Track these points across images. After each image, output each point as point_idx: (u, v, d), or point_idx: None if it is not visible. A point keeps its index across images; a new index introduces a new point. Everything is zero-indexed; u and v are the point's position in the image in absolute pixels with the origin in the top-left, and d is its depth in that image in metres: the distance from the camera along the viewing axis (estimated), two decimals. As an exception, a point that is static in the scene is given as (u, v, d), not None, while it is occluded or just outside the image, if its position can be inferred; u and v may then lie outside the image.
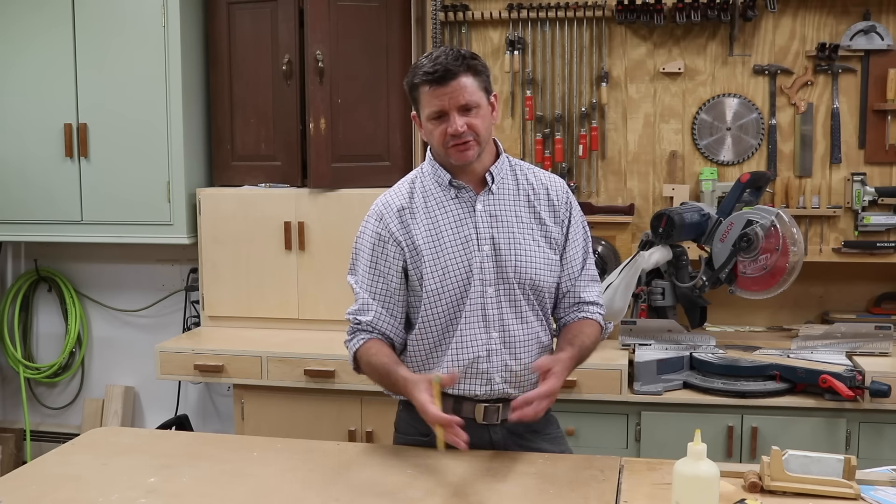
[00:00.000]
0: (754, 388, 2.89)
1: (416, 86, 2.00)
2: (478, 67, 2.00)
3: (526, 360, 2.08)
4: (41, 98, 3.76)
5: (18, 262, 4.32)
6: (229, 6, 3.66)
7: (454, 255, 2.03)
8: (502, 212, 2.07)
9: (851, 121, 3.38)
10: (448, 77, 1.95)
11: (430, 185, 2.09)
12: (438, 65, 1.95)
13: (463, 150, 1.99)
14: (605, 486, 1.87)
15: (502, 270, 2.04)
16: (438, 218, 2.06)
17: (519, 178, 2.12)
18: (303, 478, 1.94)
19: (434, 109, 1.98)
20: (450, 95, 1.95)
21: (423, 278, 2.04)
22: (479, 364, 2.05)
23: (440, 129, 1.99)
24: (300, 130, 3.62)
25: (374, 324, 2.09)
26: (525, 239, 2.07)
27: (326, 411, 3.25)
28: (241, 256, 3.64)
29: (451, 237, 2.04)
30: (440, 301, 2.04)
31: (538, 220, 2.09)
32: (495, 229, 2.05)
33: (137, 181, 3.70)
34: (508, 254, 2.04)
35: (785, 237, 2.99)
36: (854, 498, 1.75)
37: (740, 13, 3.33)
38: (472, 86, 1.97)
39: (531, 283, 2.06)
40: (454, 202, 2.07)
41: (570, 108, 3.54)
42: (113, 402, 4.16)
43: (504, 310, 2.05)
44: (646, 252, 3.14)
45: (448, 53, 1.98)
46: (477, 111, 1.99)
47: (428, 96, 1.98)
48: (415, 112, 2.08)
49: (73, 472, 2.00)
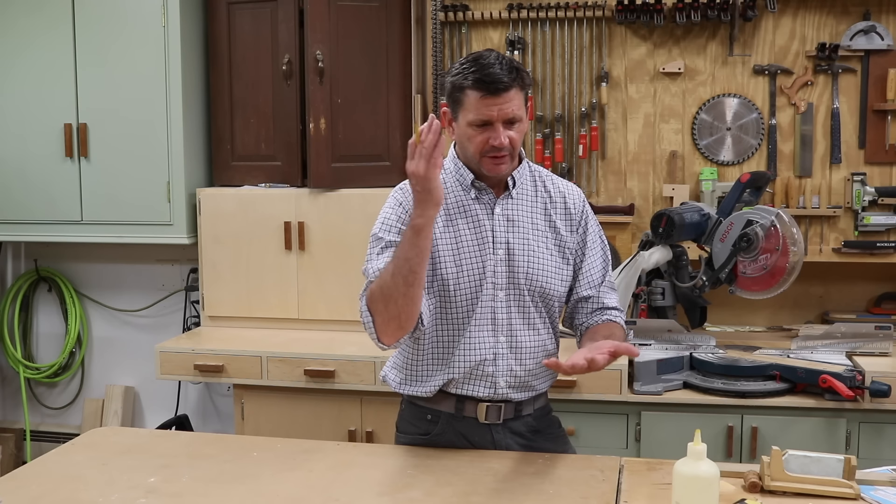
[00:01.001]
0: (754, 388, 2.89)
1: (463, 88, 1.96)
2: (526, 80, 1.99)
3: (530, 366, 2.08)
4: (41, 98, 3.76)
5: (18, 262, 4.32)
6: (229, 6, 3.66)
7: (470, 255, 2.03)
8: (519, 217, 2.07)
9: (851, 121, 3.38)
10: (502, 89, 1.92)
11: (451, 183, 2.07)
12: (494, 74, 1.92)
13: (499, 163, 1.99)
14: (605, 486, 1.87)
15: (514, 276, 2.04)
16: (457, 217, 2.05)
17: (537, 185, 2.12)
18: (303, 478, 1.94)
19: (481, 118, 1.95)
20: (499, 107, 1.93)
21: (440, 273, 2.02)
22: (485, 367, 2.04)
23: (482, 137, 1.97)
24: (300, 130, 3.61)
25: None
26: (539, 246, 2.06)
27: (326, 411, 3.25)
28: (241, 256, 3.64)
29: (469, 237, 2.03)
30: (455, 299, 2.03)
31: (553, 229, 2.09)
32: (511, 234, 2.05)
33: (137, 181, 3.70)
34: (521, 260, 2.04)
35: (785, 237, 2.99)
36: (854, 498, 1.76)
37: (740, 13, 3.33)
38: (519, 100, 1.96)
39: (541, 291, 2.06)
40: (474, 202, 2.06)
41: (570, 108, 3.54)
42: (113, 402, 4.16)
43: (513, 314, 2.05)
44: (646, 252, 3.14)
45: (501, 62, 1.94)
46: (519, 125, 1.98)
47: (476, 103, 1.94)
48: (447, 110, 2.04)
49: (73, 472, 2.00)
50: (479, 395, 2.06)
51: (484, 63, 1.94)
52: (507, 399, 2.08)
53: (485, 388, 2.06)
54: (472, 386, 2.06)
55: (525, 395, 2.10)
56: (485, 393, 2.06)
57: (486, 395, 2.06)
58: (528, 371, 2.08)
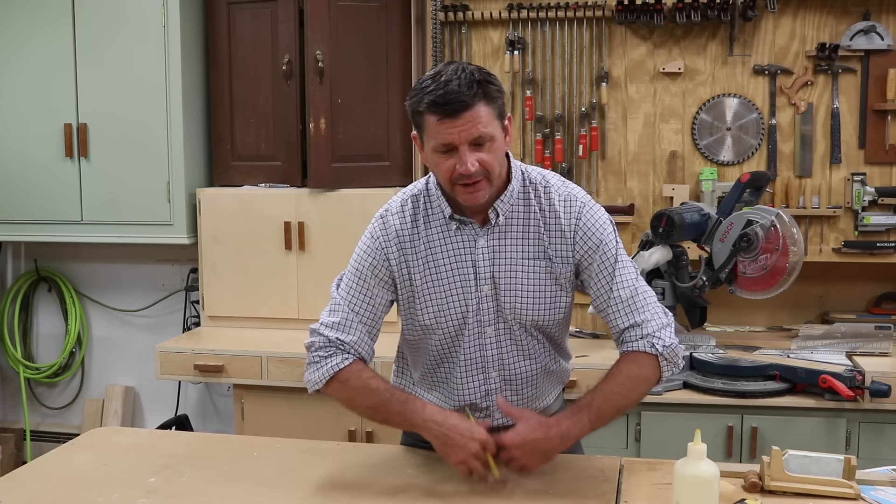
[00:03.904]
0: (754, 388, 2.89)
1: (420, 113, 1.76)
2: (493, 93, 1.75)
3: (528, 392, 2.00)
4: (41, 98, 3.76)
5: (18, 262, 4.32)
6: (229, 6, 3.66)
7: (451, 292, 1.89)
8: (506, 248, 1.89)
9: (851, 121, 3.38)
10: (460, 109, 1.71)
11: (434, 211, 1.91)
12: (450, 93, 1.70)
13: (472, 191, 1.78)
14: (605, 486, 1.87)
15: (502, 311, 1.90)
16: (437, 250, 1.89)
17: (531, 206, 1.89)
18: (303, 478, 1.94)
19: (441, 142, 1.75)
20: (460, 129, 1.72)
21: (417, 314, 1.92)
22: (478, 404, 1.98)
23: (448, 164, 1.76)
24: (300, 130, 3.61)
25: (357, 346, 1.91)
26: (530, 278, 1.88)
27: (326, 411, 3.25)
28: (241, 256, 3.64)
29: (449, 273, 1.89)
30: (432, 337, 1.94)
31: (546, 257, 1.89)
32: (496, 267, 1.88)
33: (137, 181, 3.70)
34: (508, 294, 1.88)
35: (785, 237, 2.99)
36: (854, 498, 1.75)
37: (740, 13, 3.33)
38: (486, 116, 1.73)
39: (533, 324, 1.92)
40: (455, 234, 1.89)
41: (570, 108, 3.54)
42: (113, 402, 4.16)
43: (504, 349, 1.93)
44: (646, 252, 3.14)
45: (460, 77, 1.72)
46: (491, 145, 1.76)
47: (436, 127, 1.74)
48: (416, 133, 1.85)
49: (73, 472, 2.00)
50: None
51: (441, 81, 1.72)
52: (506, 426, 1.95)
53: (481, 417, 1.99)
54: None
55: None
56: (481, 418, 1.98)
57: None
58: (526, 398, 2.00)
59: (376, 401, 1.87)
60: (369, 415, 1.93)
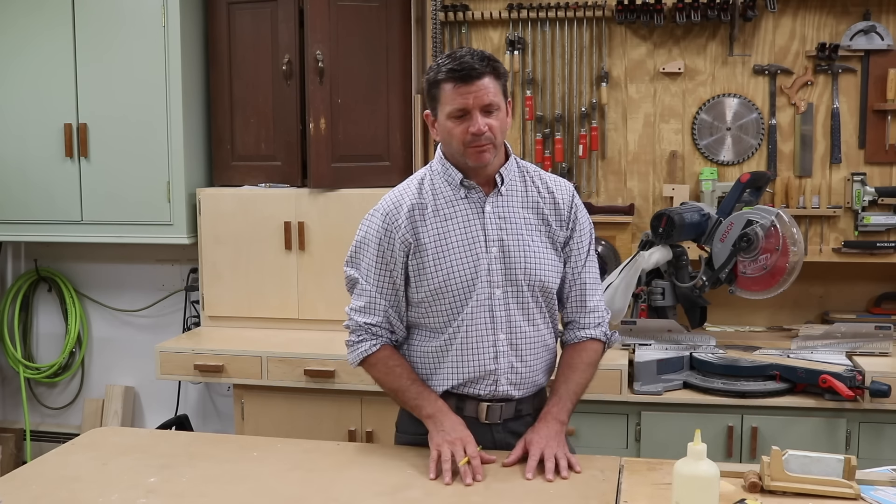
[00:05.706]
0: (754, 388, 2.89)
1: (437, 82, 1.99)
2: (500, 70, 2.01)
3: (531, 361, 2.09)
4: (41, 98, 3.76)
5: (18, 262, 4.32)
6: (229, 6, 3.66)
7: (460, 255, 2.03)
8: (511, 214, 2.07)
9: (851, 121, 3.38)
10: (473, 76, 1.95)
11: (440, 184, 2.08)
12: (465, 64, 1.95)
13: (481, 151, 1.99)
14: (605, 486, 1.87)
15: (511, 272, 2.04)
16: (447, 217, 2.05)
17: (527, 181, 2.12)
18: (303, 478, 1.94)
19: (457, 107, 1.97)
20: (474, 94, 1.95)
21: (425, 277, 2.03)
22: (486, 366, 2.05)
23: (461, 127, 1.98)
24: (300, 130, 3.62)
25: (384, 325, 2.09)
26: (534, 241, 2.07)
27: (326, 411, 3.25)
28: (241, 256, 3.64)
29: (459, 237, 2.04)
30: (441, 301, 2.04)
31: (545, 223, 2.10)
32: (504, 231, 2.05)
33: (137, 181, 3.70)
34: (518, 256, 2.04)
35: (785, 237, 2.99)
36: (854, 498, 1.76)
37: (740, 13, 3.33)
38: (494, 87, 1.97)
39: (540, 285, 2.07)
40: (464, 202, 2.06)
41: (570, 108, 3.54)
42: (113, 402, 4.17)
43: (512, 311, 2.05)
44: (646, 252, 3.14)
45: (473, 53, 1.98)
46: (497, 113, 1.99)
47: (451, 94, 1.97)
48: (428, 112, 2.07)
49: (73, 472, 2.00)
50: (480, 393, 2.07)
51: (456, 56, 1.98)
52: (507, 397, 2.08)
53: (486, 387, 2.06)
54: (474, 386, 2.06)
55: (525, 393, 2.10)
56: (486, 391, 2.06)
57: (487, 393, 2.06)
58: (529, 367, 2.08)
59: (397, 386, 2.09)
60: (392, 396, 2.14)
